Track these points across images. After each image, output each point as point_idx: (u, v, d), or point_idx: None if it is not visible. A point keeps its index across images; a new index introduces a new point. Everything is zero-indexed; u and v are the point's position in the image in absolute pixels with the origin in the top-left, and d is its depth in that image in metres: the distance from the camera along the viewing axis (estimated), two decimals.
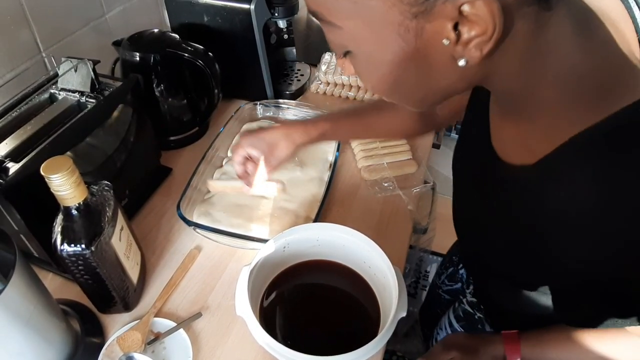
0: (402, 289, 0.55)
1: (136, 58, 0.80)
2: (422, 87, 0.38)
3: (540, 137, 0.39)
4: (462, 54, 0.32)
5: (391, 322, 0.52)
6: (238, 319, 0.62)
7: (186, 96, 0.88)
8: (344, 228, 0.62)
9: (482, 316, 0.74)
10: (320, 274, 0.67)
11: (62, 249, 0.50)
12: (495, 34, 0.30)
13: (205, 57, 0.83)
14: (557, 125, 0.37)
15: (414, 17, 0.31)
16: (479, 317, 0.75)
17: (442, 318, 0.88)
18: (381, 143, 0.89)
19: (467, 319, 0.78)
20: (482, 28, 0.30)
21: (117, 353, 0.57)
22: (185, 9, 0.91)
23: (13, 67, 0.74)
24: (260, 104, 0.95)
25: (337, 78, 1.06)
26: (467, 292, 0.80)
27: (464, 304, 0.79)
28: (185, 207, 0.71)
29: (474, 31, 0.30)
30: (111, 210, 0.54)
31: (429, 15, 0.30)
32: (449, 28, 0.31)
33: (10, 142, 0.58)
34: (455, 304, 0.84)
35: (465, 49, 0.32)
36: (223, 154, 0.86)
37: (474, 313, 0.76)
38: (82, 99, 0.66)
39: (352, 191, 0.83)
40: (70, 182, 0.46)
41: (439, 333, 0.88)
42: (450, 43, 0.32)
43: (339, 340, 0.58)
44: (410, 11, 0.31)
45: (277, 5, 0.91)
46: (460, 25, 0.31)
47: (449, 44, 0.32)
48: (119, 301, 0.60)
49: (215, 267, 0.70)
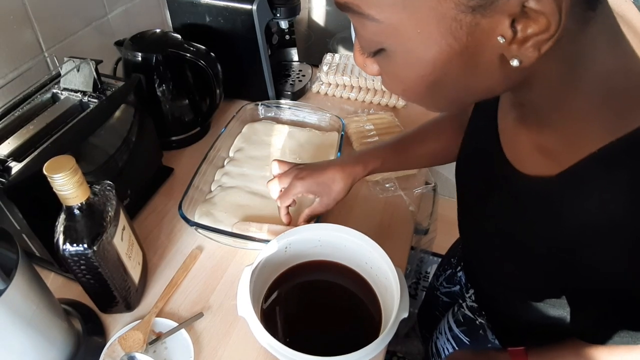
0: (403, 289, 0.55)
1: (138, 58, 0.80)
2: (461, 89, 0.36)
3: (565, 146, 0.37)
4: (516, 53, 0.30)
5: (393, 323, 0.52)
6: (239, 319, 0.62)
7: (188, 96, 0.88)
8: (345, 229, 0.62)
9: (484, 322, 0.74)
10: (322, 275, 0.67)
11: (64, 248, 0.50)
12: (559, 32, 0.28)
13: (207, 57, 0.83)
14: (586, 135, 0.36)
15: (471, 11, 0.28)
16: (480, 323, 0.74)
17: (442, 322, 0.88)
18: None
19: (467, 324, 0.77)
20: (542, 25, 0.28)
21: (119, 353, 0.57)
22: (187, 10, 0.92)
23: (16, 66, 0.74)
24: (262, 104, 0.95)
25: (338, 79, 1.06)
26: (467, 297, 0.79)
27: (463, 309, 0.79)
28: (186, 207, 0.71)
29: (532, 29, 0.28)
30: (113, 210, 0.54)
31: (488, 9, 0.28)
32: (506, 24, 0.29)
33: (13, 141, 0.58)
34: (454, 307, 0.83)
35: (520, 47, 0.30)
36: (225, 154, 0.86)
37: (475, 318, 0.75)
38: (85, 98, 0.66)
39: (354, 192, 0.83)
40: (72, 182, 0.46)
41: (439, 337, 0.87)
42: (505, 41, 0.29)
43: (341, 341, 0.58)
44: (467, 4, 0.28)
45: (279, 6, 0.91)
46: (517, 22, 0.28)
47: (504, 42, 0.29)
48: (121, 301, 0.60)
49: (216, 268, 0.70)
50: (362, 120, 0.95)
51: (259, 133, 0.91)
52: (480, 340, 0.74)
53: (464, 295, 0.82)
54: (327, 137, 0.90)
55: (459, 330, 0.78)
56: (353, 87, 1.06)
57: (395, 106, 1.04)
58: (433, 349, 0.90)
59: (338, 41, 1.30)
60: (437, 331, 0.88)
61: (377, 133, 0.92)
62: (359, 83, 1.05)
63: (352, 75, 1.05)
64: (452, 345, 0.81)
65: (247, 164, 0.83)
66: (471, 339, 0.76)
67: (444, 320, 0.86)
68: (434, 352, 0.89)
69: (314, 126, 0.94)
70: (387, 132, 0.92)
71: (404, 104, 1.03)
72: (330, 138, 0.90)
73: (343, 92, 1.06)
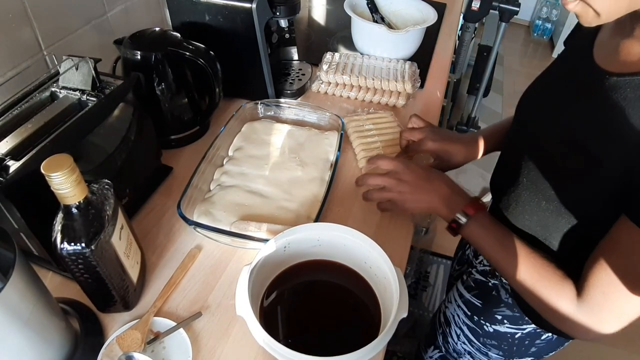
0: (403, 289, 0.55)
1: (137, 57, 0.80)
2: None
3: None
4: None
5: (392, 323, 0.52)
6: (238, 319, 0.62)
7: (187, 95, 0.87)
8: (344, 228, 0.62)
9: (497, 282, 0.74)
10: (321, 274, 0.66)
11: (62, 247, 0.50)
12: None
13: (207, 56, 0.83)
14: None
15: None
16: (493, 284, 0.75)
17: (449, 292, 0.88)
18: (382, 143, 0.89)
19: (479, 287, 0.78)
20: None
21: (117, 352, 0.57)
22: (186, 8, 0.91)
23: (14, 65, 0.74)
24: (262, 103, 0.95)
25: (338, 78, 1.06)
26: (477, 263, 0.80)
27: (474, 274, 0.79)
28: (185, 207, 0.71)
29: None
30: (111, 209, 0.54)
31: None
32: None
33: (11, 140, 0.58)
34: (463, 276, 0.83)
35: None
36: (224, 153, 0.86)
37: (488, 281, 0.76)
38: (83, 97, 0.66)
39: (354, 191, 0.83)
40: (70, 181, 0.46)
41: (447, 307, 0.88)
42: None
43: (340, 341, 0.58)
44: None
45: (278, 5, 0.91)
46: None
47: None
48: (119, 300, 0.60)
49: (215, 267, 0.70)
50: (362, 120, 0.95)
51: (259, 132, 0.91)
52: (493, 301, 0.75)
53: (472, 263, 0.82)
54: (326, 136, 0.90)
55: (470, 295, 0.80)
56: (353, 86, 1.06)
57: (395, 105, 1.04)
58: (441, 319, 0.90)
59: (338, 40, 1.30)
60: (446, 300, 0.89)
61: (377, 132, 0.92)
62: (358, 82, 1.05)
63: (352, 75, 1.05)
64: (463, 311, 0.82)
65: (246, 163, 0.83)
66: (484, 301, 0.77)
67: (452, 290, 0.86)
68: (441, 322, 0.90)
69: (313, 125, 0.94)
70: (387, 131, 0.92)
71: (403, 103, 1.03)
72: (330, 137, 0.89)
73: (343, 91, 1.06)
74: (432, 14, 1.14)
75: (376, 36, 1.12)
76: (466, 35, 2.17)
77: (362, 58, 1.13)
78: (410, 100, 1.06)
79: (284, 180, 0.80)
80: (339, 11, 1.36)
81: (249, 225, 0.71)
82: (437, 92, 1.11)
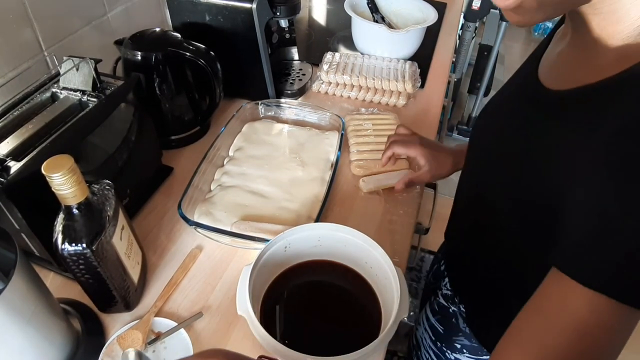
0: (403, 289, 0.55)
1: (138, 57, 0.80)
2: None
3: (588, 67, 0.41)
4: None
5: (392, 323, 0.52)
6: (239, 319, 0.62)
7: (188, 95, 0.88)
8: (345, 228, 0.62)
9: (456, 310, 0.74)
10: (322, 274, 0.66)
11: (63, 248, 0.50)
12: None
13: (207, 56, 0.83)
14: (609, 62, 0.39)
15: None
16: (453, 311, 0.75)
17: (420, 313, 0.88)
18: (378, 145, 0.88)
19: (442, 312, 0.78)
20: None
21: (118, 352, 0.57)
22: (187, 8, 0.91)
23: (15, 65, 0.74)
24: (262, 104, 0.95)
25: (338, 78, 1.06)
26: (443, 285, 0.79)
27: (439, 298, 0.79)
28: (186, 207, 0.71)
29: None
30: (112, 209, 0.54)
31: None
32: None
33: (12, 141, 0.58)
34: (431, 297, 0.83)
35: None
36: (224, 153, 0.86)
37: (449, 307, 0.76)
38: (84, 98, 0.66)
39: (354, 191, 0.83)
40: (71, 181, 0.46)
41: (417, 329, 0.87)
42: None
43: (340, 341, 0.58)
44: None
45: (279, 5, 0.91)
46: None
47: None
48: (120, 300, 0.60)
49: (216, 267, 0.70)
50: (362, 119, 0.95)
51: (259, 132, 0.91)
52: (453, 329, 0.74)
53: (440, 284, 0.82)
54: (327, 136, 0.90)
55: (435, 319, 0.79)
56: (353, 86, 1.06)
57: (396, 105, 1.04)
58: (413, 342, 0.90)
59: (338, 40, 1.30)
60: (417, 322, 0.89)
61: (375, 133, 0.91)
62: (359, 82, 1.05)
63: (352, 75, 1.05)
64: (429, 335, 0.81)
65: (246, 163, 0.83)
66: (445, 327, 0.77)
67: (423, 311, 0.86)
68: (414, 345, 0.90)
69: (314, 125, 0.94)
70: (386, 131, 0.92)
71: (404, 103, 1.03)
72: (331, 137, 0.89)
73: (343, 91, 1.06)
74: (432, 13, 1.14)
75: (376, 36, 1.12)
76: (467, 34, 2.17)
77: (362, 58, 1.13)
78: (410, 100, 1.06)
79: (284, 180, 0.80)
80: (339, 11, 1.36)
81: (250, 225, 0.71)
82: (437, 92, 1.11)
